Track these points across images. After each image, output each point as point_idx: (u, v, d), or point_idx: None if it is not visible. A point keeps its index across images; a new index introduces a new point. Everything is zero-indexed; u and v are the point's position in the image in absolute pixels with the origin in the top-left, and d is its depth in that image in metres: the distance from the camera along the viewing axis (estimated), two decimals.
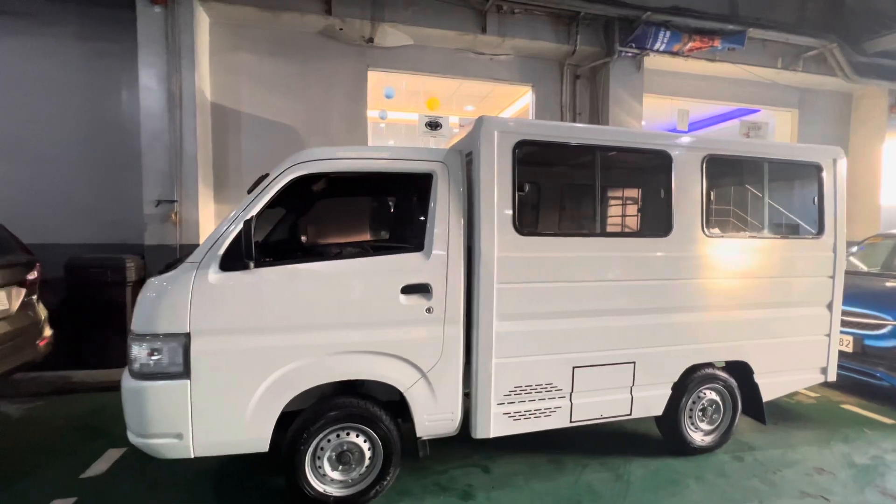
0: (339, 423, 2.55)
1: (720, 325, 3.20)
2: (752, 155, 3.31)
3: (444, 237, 2.62)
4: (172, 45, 5.13)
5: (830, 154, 3.48)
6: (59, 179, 5.39)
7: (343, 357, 2.50)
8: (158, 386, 2.28)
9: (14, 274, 3.55)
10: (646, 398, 3.09)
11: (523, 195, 2.75)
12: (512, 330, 2.75)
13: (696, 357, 3.18)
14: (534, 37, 6.45)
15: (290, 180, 2.44)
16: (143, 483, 2.85)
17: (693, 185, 3.09)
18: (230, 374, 2.35)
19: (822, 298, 3.49)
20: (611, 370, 2.97)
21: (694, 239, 3.09)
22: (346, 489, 2.59)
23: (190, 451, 2.33)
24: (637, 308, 2.99)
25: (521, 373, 2.80)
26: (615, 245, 2.95)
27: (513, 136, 2.71)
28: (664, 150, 3.04)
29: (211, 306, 2.31)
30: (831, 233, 3.47)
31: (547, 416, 2.88)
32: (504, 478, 2.98)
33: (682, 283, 3.08)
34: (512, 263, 2.71)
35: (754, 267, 3.26)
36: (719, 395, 3.33)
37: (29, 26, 5.25)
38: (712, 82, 7.72)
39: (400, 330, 2.57)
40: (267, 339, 2.39)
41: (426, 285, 2.59)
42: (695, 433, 3.29)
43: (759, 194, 3.44)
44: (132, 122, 5.36)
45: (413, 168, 2.64)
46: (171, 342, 2.27)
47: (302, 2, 5.58)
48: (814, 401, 4.48)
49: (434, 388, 2.64)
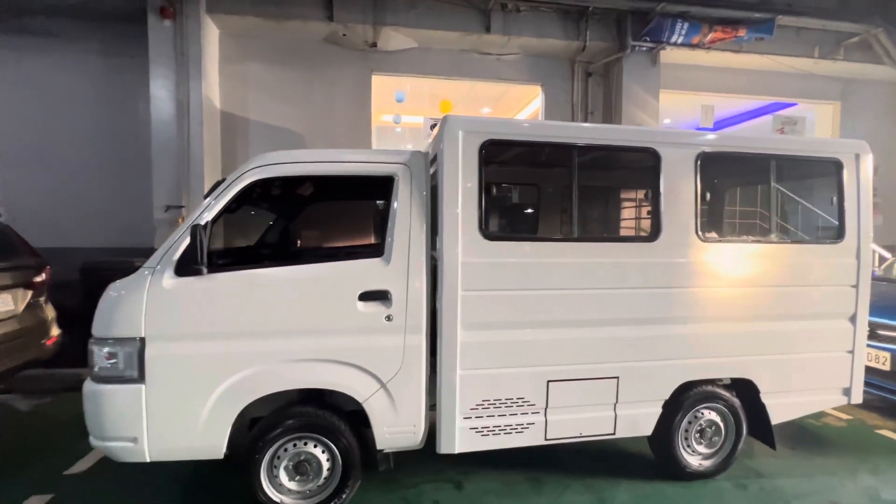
0: (296, 431, 2.49)
1: (719, 339, 2.91)
2: (756, 151, 3.00)
3: (404, 242, 2.52)
4: (181, 56, 5.33)
5: (852, 148, 3.10)
6: (78, 186, 5.72)
7: (298, 365, 2.45)
8: (114, 390, 2.30)
9: (20, 276, 3.75)
10: (632, 416, 2.84)
11: (491, 198, 2.60)
12: (478, 340, 2.60)
13: (690, 373, 2.90)
14: (541, 34, 6.26)
15: (245, 185, 2.42)
16: (119, 482, 2.90)
17: (685, 185, 2.83)
18: (184, 380, 2.34)
19: (843, 310, 3.11)
20: (591, 385, 2.76)
21: (686, 244, 2.83)
22: (304, 500, 2.53)
23: (145, 455, 2.34)
24: (620, 319, 2.77)
25: (490, 385, 2.64)
26: (594, 251, 2.74)
27: (479, 136, 2.57)
28: (651, 148, 2.80)
29: (165, 311, 2.31)
30: (854, 237, 3.08)
31: (519, 432, 2.71)
32: (476, 496, 2.82)
33: (673, 292, 2.82)
34: (478, 269, 2.56)
35: (760, 275, 2.95)
36: (720, 415, 3.03)
37: (54, 44, 5.62)
38: (740, 75, 7.22)
39: (357, 338, 2.48)
40: (220, 345, 2.37)
41: (385, 292, 2.49)
42: (691, 456, 3.00)
43: (767, 195, 3.11)
44: (145, 132, 5.61)
45: (373, 171, 2.56)
46: (126, 347, 2.29)
47: (305, 9, 5.67)
48: (844, 424, 4.02)
49: (394, 400, 2.53)
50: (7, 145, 5.62)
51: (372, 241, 2.56)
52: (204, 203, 2.40)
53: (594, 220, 3.51)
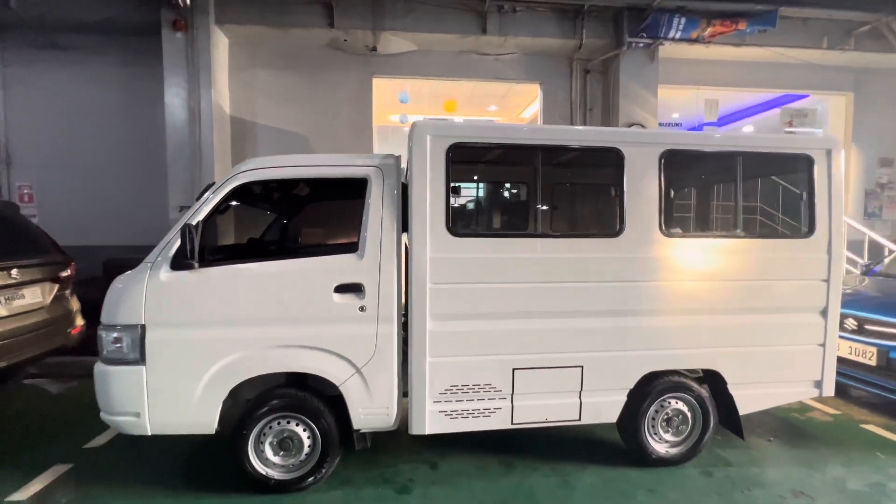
0: (280, 411, 2.75)
1: (683, 331, 3.02)
2: (722, 148, 3.08)
3: (376, 239, 2.74)
4: (192, 66, 5.70)
5: (823, 144, 3.14)
6: (102, 189, 6.18)
7: (280, 350, 2.70)
8: (119, 370, 2.61)
9: (48, 272, 4.15)
10: (596, 404, 2.99)
11: (458, 197, 2.78)
12: (446, 329, 2.80)
13: (654, 364, 3.02)
14: (537, 34, 6.36)
15: (233, 188, 2.69)
16: (133, 455, 3.24)
17: (649, 182, 2.94)
18: (179, 362, 2.63)
19: (813, 304, 3.16)
20: (555, 373, 2.92)
21: (650, 239, 2.94)
22: (287, 474, 2.79)
23: (147, 428, 2.64)
24: (584, 311, 2.91)
25: (458, 372, 2.83)
26: (557, 246, 2.89)
27: (446, 140, 2.76)
28: (615, 148, 2.92)
29: (162, 301, 2.60)
30: (825, 232, 3.12)
31: (486, 416, 2.89)
32: (448, 475, 3.03)
33: (636, 286, 2.94)
34: (445, 264, 2.76)
35: (725, 269, 3.03)
36: (687, 405, 3.14)
37: (80, 58, 6.08)
38: (745, 68, 7.12)
39: (334, 327, 2.72)
40: (211, 332, 2.64)
41: (359, 285, 2.72)
42: (657, 444, 3.12)
43: (734, 191, 3.17)
44: (162, 137, 6.01)
45: (348, 174, 2.79)
46: (129, 332, 2.59)
47: (307, 17, 5.95)
48: (830, 418, 4.03)
49: (368, 384, 2.76)
50: (40, 152, 6.13)
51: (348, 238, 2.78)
52: (196, 204, 2.68)
53: (560, 217, 3.64)
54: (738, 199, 3.10)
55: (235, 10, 5.85)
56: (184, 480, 2.95)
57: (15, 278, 3.76)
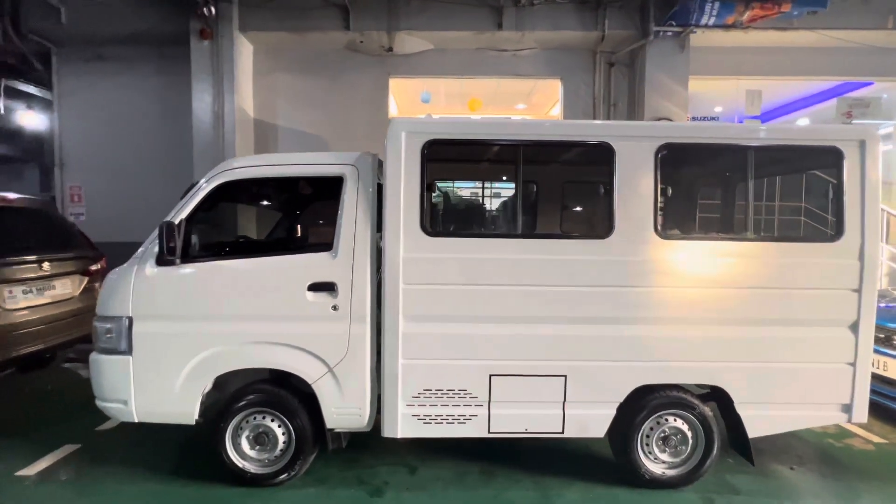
0: (257, 406, 2.80)
1: (682, 343, 2.75)
2: (729, 141, 2.77)
3: (350, 237, 2.72)
4: (216, 72, 5.99)
5: (856, 135, 2.75)
6: (141, 190, 6.63)
7: (256, 346, 2.75)
8: (110, 359, 2.76)
9: (78, 265, 4.51)
10: (581, 417, 2.79)
11: (433, 195, 2.70)
12: (420, 331, 2.72)
13: (647, 377, 2.77)
14: (556, 27, 6.11)
15: (213, 187, 2.76)
16: (137, 438, 3.42)
17: (643, 179, 2.71)
18: (162, 354, 2.73)
19: (841, 317, 2.77)
20: (536, 382, 2.76)
21: (643, 241, 2.71)
22: (263, 468, 2.83)
23: (133, 416, 2.77)
24: (568, 317, 2.73)
25: (432, 376, 2.75)
26: (538, 247, 2.72)
27: (421, 137, 2.69)
28: (605, 143, 2.72)
29: (147, 295, 2.72)
30: (855, 235, 2.74)
31: (461, 423, 2.79)
32: (425, 481, 2.95)
33: (628, 292, 2.72)
34: (419, 264, 2.68)
35: (733, 276, 2.73)
36: (688, 423, 2.86)
37: (122, 68, 6.58)
38: (792, 55, 6.47)
39: (307, 325, 2.72)
40: (191, 326, 2.73)
41: (332, 284, 2.71)
42: (652, 463, 2.87)
43: (745, 189, 2.85)
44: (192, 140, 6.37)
45: (324, 172, 2.79)
46: (119, 323, 2.73)
47: (324, 21, 6.08)
48: (872, 447, 3.54)
49: (341, 383, 2.74)
50: (87, 156, 6.70)
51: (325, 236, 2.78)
52: (178, 203, 2.78)
53: (544, 216, 3.43)
54: (750, 197, 2.79)
55: (257, 17, 6.08)
56: (175, 468, 3.07)
57: (46, 271, 4.10)
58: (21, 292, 3.92)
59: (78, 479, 2.94)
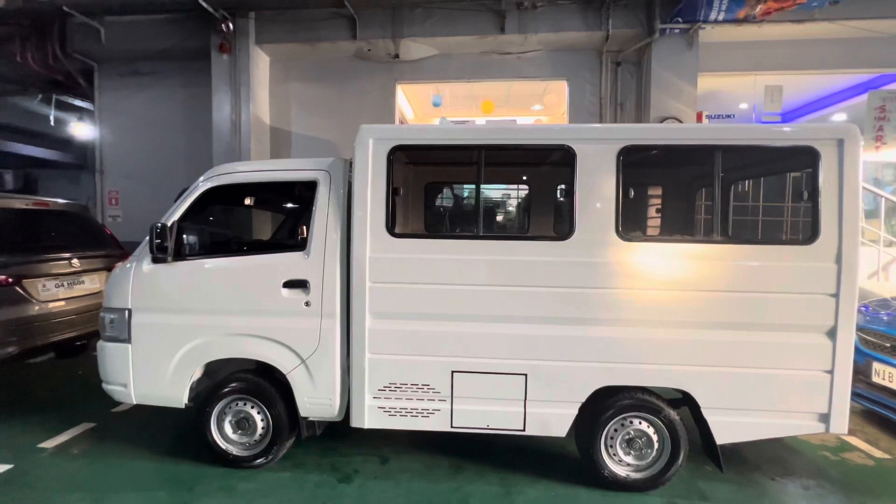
0: (239, 393, 3.03)
1: (645, 345, 2.74)
2: (695, 142, 2.74)
3: (321, 238, 2.90)
4: (234, 83, 6.41)
5: (833, 134, 2.65)
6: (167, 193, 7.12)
7: (237, 338, 2.98)
8: (113, 346, 3.07)
9: (106, 262, 4.97)
10: (543, 415, 2.84)
11: (399, 198, 2.84)
12: (385, 328, 2.86)
13: (609, 378, 2.78)
14: (559, 28, 6.11)
15: (202, 192, 3.02)
16: (144, 420, 3.75)
17: (605, 181, 2.73)
18: (156, 343, 3.02)
19: (817, 322, 2.67)
20: (496, 379, 2.83)
21: (604, 243, 2.73)
22: (244, 451, 3.06)
23: (132, 398, 3.08)
24: (528, 316, 2.79)
25: (396, 370, 2.88)
26: (498, 248, 2.80)
27: (388, 143, 2.83)
28: (566, 145, 2.76)
29: (144, 289, 3.02)
30: (832, 238, 2.63)
31: (425, 416, 2.90)
32: (393, 472, 3.08)
33: (588, 293, 2.74)
34: (384, 264, 2.83)
35: (698, 278, 2.70)
36: (654, 427, 2.84)
37: (153, 82, 7.15)
38: (815, 47, 6.14)
39: (283, 320, 2.93)
40: (181, 318, 3.00)
41: (304, 281, 2.90)
42: (616, 465, 2.86)
43: (711, 191, 2.78)
44: None
45: (300, 177, 2.99)
46: (120, 314, 3.04)
47: (332, 32, 6.36)
48: (872, 462, 3.35)
49: (313, 374, 2.92)
50: (123, 163, 7.32)
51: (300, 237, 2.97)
52: (172, 206, 3.06)
53: (506, 218, 3.45)
54: (717, 199, 2.73)
55: (272, 31, 6.45)
56: (171, 447, 3.35)
57: (76, 267, 4.56)
58: (53, 286, 4.38)
59: (86, 453, 3.29)
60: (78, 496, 2.77)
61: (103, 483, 2.91)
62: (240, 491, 2.84)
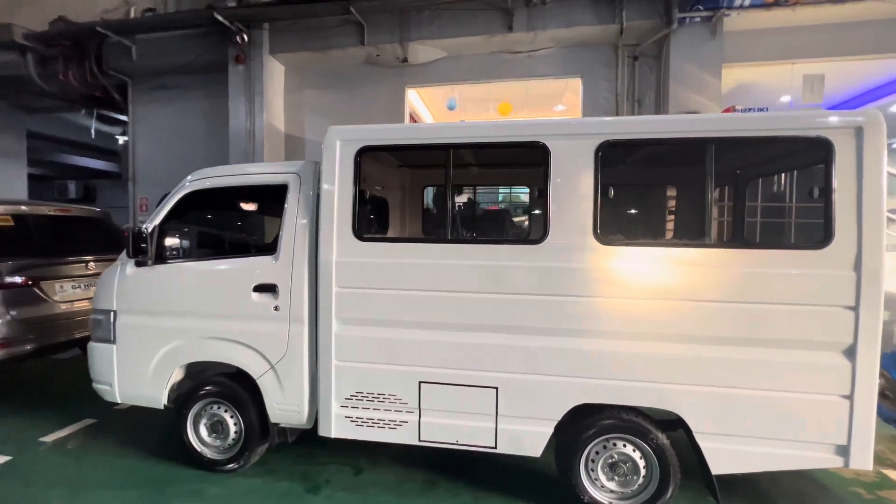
0: (213, 397, 3.04)
1: (628, 360, 2.48)
2: (685, 135, 2.46)
3: (290, 241, 2.86)
4: (249, 93, 6.61)
5: (850, 122, 2.29)
6: None
7: (211, 341, 2.99)
8: (100, 347, 3.18)
9: None
10: (515, 433, 2.63)
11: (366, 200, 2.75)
12: (352, 334, 2.77)
13: (587, 395, 2.54)
14: (569, 24, 5.85)
15: (182, 196, 3.08)
16: (142, 419, 3.86)
17: (581, 180, 2.51)
18: (137, 345, 3.09)
19: (832, 339, 2.31)
20: (465, 392, 2.66)
21: (580, 247, 2.50)
22: (218, 454, 3.06)
23: (117, 397, 3.17)
24: (498, 326, 2.60)
25: (363, 379, 2.78)
26: (468, 252, 2.63)
27: (355, 144, 2.75)
28: (539, 142, 2.56)
29: (127, 292, 3.10)
30: (850, 241, 2.27)
31: (392, 428, 2.77)
32: (364, 484, 2.97)
33: (563, 301, 2.52)
34: (350, 268, 2.74)
35: (690, 287, 2.41)
36: (641, 452, 2.56)
37: (179, 94, 7.53)
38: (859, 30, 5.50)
39: (253, 324, 2.91)
40: (159, 321, 3.05)
41: (274, 285, 2.87)
42: (598, 491, 2.60)
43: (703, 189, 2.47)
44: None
45: (271, 181, 2.97)
46: (106, 316, 3.14)
47: (342, 39, 6.43)
48: None
49: (281, 380, 2.88)
50: (151, 171, 7.74)
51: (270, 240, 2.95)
52: (154, 211, 3.13)
53: (477, 220, 3.23)
54: (709, 198, 2.44)
55: (285, 40, 6.61)
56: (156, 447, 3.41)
57: (92, 269, 4.82)
58: (70, 287, 4.65)
59: (80, 449, 3.41)
60: (58, 492, 2.87)
61: (84, 479, 3.00)
62: (207, 495, 2.83)
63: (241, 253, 3.07)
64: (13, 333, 4.10)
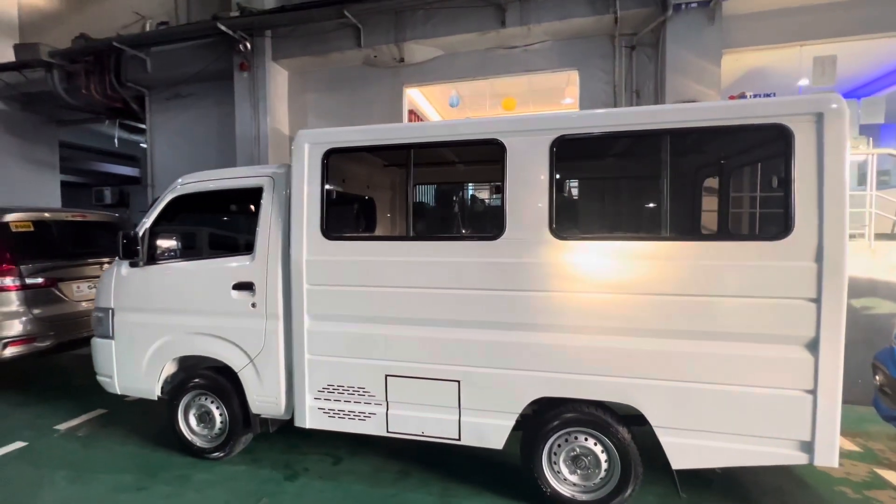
0: (200, 389, 3.23)
1: (586, 354, 2.49)
2: (639, 127, 2.43)
3: (265, 241, 3.00)
4: (253, 98, 6.86)
5: (811, 107, 2.22)
6: None
7: (196, 337, 3.18)
8: (102, 342, 3.42)
9: None
10: (478, 425, 2.68)
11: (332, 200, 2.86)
12: (322, 329, 2.89)
13: (547, 389, 2.56)
14: (563, 16, 5.77)
15: (168, 201, 3.27)
16: (148, 409, 4.12)
17: (536, 176, 2.53)
18: (132, 340, 3.32)
19: (794, 332, 2.26)
20: (429, 385, 2.73)
21: (536, 242, 2.52)
22: (206, 443, 3.25)
23: (117, 389, 3.41)
24: (458, 321, 2.66)
25: (334, 372, 2.90)
26: (429, 249, 2.70)
27: (322, 147, 2.86)
28: (494, 139, 2.60)
29: (123, 290, 3.33)
30: (811, 231, 2.21)
31: (362, 420, 2.88)
32: (340, 473, 3.10)
33: (520, 296, 2.55)
34: (319, 266, 2.86)
35: (646, 280, 2.40)
36: (602, 445, 2.57)
37: (191, 102, 7.88)
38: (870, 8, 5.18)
39: (233, 320, 3.07)
40: (151, 318, 3.26)
41: (251, 284, 3.02)
42: (559, 484, 2.63)
43: (657, 182, 2.44)
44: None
45: (248, 184, 3.12)
46: (105, 313, 3.38)
47: (339, 42, 6.57)
48: None
49: (260, 373, 3.03)
50: (168, 176, 8.14)
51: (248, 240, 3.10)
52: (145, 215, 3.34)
53: (438, 218, 3.25)
54: (665, 191, 2.41)
55: (287, 46, 6.81)
56: (156, 435, 3.65)
57: None
58: (87, 287, 4.99)
59: (89, 436, 3.69)
60: (63, 473, 3.12)
61: (88, 463, 3.25)
62: (194, 480, 3.02)
63: (222, 253, 3.23)
64: (34, 330, 4.46)
